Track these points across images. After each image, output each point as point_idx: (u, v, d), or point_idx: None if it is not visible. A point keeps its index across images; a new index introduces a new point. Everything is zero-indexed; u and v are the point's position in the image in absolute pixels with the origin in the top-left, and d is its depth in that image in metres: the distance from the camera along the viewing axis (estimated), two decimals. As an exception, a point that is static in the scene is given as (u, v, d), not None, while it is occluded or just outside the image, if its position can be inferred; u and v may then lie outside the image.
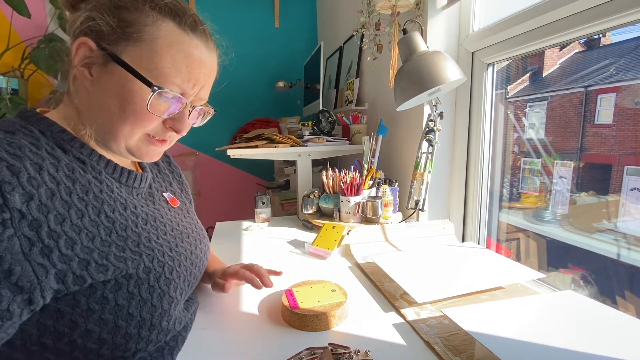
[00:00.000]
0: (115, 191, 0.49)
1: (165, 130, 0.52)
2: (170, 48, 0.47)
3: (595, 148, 1.02)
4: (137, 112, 0.47)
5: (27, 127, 0.45)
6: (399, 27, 1.05)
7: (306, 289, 0.71)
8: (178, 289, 0.52)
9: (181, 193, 0.70)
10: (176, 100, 0.49)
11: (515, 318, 0.56)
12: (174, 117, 0.51)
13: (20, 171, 0.38)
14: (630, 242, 0.88)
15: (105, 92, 0.47)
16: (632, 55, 0.93)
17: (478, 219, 1.09)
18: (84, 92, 0.48)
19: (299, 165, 1.43)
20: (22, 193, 0.37)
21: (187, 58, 0.48)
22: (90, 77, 0.47)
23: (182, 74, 0.48)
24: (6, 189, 0.36)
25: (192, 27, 0.49)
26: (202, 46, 0.50)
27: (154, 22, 0.46)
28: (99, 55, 0.46)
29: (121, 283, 0.45)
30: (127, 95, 0.46)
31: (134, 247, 0.47)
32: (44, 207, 0.38)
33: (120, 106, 0.47)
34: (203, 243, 0.65)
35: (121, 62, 0.46)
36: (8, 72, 1.98)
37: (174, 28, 0.48)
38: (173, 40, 0.47)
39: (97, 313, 0.43)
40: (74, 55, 0.46)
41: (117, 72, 0.46)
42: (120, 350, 0.46)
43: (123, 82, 0.46)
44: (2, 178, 0.36)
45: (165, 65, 0.47)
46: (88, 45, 0.46)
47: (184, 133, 0.54)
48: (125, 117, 0.47)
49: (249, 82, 2.72)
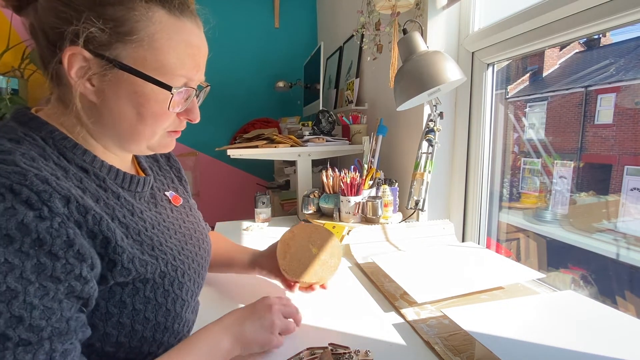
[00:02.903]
0: (122, 197, 0.49)
1: (181, 121, 0.52)
2: (171, 41, 0.45)
3: (595, 148, 1.02)
4: (156, 115, 0.46)
5: (29, 134, 0.44)
6: (399, 27, 1.05)
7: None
8: (189, 292, 0.52)
9: (183, 189, 0.70)
10: (188, 91, 0.49)
11: (515, 318, 0.56)
12: (187, 107, 0.51)
13: (48, 178, 0.37)
14: (630, 242, 0.88)
15: (115, 101, 0.45)
16: (632, 55, 0.93)
17: (478, 219, 1.09)
18: (88, 104, 0.45)
19: (299, 165, 1.43)
20: (60, 198, 0.37)
21: (188, 47, 0.46)
22: (92, 88, 0.44)
23: (187, 64, 0.47)
24: (45, 197, 0.36)
25: (181, 10, 0.46)
26: (195, 29, 0.48)
27: (145, 14, 0.43)
28: (97, 64, 0.42)
29: (138, 287, 0.45)
30: (143, 101, 0.45)
31: (150, 250, 0.48)
32: (83, 208, 0.39)
33: (137, 112, 0.45)
34: (206, 242, 0.64)
35: (128, 68, 0.43)
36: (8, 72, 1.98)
37: (165, 16, 0.45)
38: (170, 31, 0.45)
39: (115, 317, 0.43)
40: (67, 68, 0.42)
41: (124, 77, 0.43)
42: (134, 353, 0.46)
43: (134, 87, 0.44)
44: (37, 188, 0.36)
45: (170, 60, 0.45)
46: (81, 55, 0.42)
47: (198, 120, 0.53)
48: (144, 122, 0.46)
49: (249, 82, 2.72)
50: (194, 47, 0.47)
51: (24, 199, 0.35)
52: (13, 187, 0.35)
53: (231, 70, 2.65)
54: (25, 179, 0.35)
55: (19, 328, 0.33)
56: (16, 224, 0.34)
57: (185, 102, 0.49)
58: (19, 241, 0.34)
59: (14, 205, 0.34)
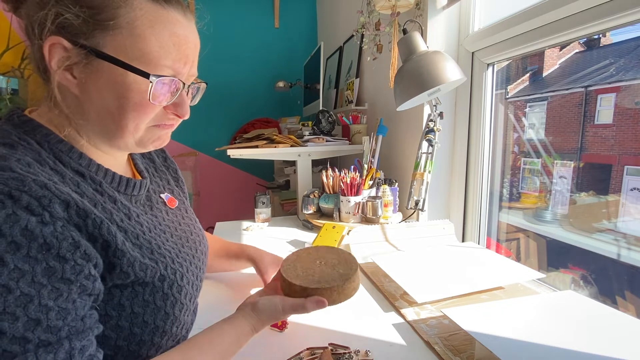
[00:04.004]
0: (118, 201, 0.48)
1: (168, 115, 0.50)
2: (153, 28, 0.43)
3: (595, 148, 1.02)
4: (137, 106, 0.44)
5: (23, 137, 0.43)
6: (399, 27, 1.05)
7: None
8: (188, 295, 0.52)
9: (179, 191, 0.70)
10: (173, 83, 0.47)
11: (515, 318, 0.56)
12: (175, 101, 0.49)
13: (47, 183, 0.37)
14: (630, 242, 0.88)
15: (97, 92, 0.43)
16: (632, 55, 0.93)
17: (478, 219, 1.09)
18: (72, 97, 0.44)
19: (299, 165, 1.43)
20: (59, 202, 0.37)
21: (172, 36, 0.44)
22: (74, 80, 0.43)
23: (171, 54, 0.44)
24: (45, 203, 0.36)
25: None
26: (182, 19, 0.46)
27: (125, 1, 0.41)
28: (76, 53, 0.41)
29: (137, 291, 0.45)
30: (123, 91, 0.43)
31: (149, 254, 0.47)
32: (83, 212, 0.39)
33: (119, 104, 0.44)
34: (203, 244, 0.64)
35: (106, 56, 0.41)
36: (8, 72, 1.98)
37: (148, 4, 0.43)
38: (152, 18, 0.43)
39: (114, 319, 0.43)
40: (48, 59, 0.41)
41: (104, 67, 0.42)
42: (133, 356, 0.46)
43: (114, 77, 0.43)
44: (36, 194, 0.35)
45: (152, 48, 0.43)
46: (61, 45, 0.41)
47: (187, 116, 0.51)
48: (126, 114, 0.44)
49: (249, 82, 2.72)
50: (180, 36, 0.45)
51: (24, 205, 0.34)
52: (12, 194, 0.34)
53: (231, 70, 2.64)
54: (24, 185, 0.35)
55: (38, 330, 0.33)
56: (20, 230, 0.34)
57: (172, 95, 0.47)
58: (26, 247, 0.34)
59: (15, 212, 0.34)
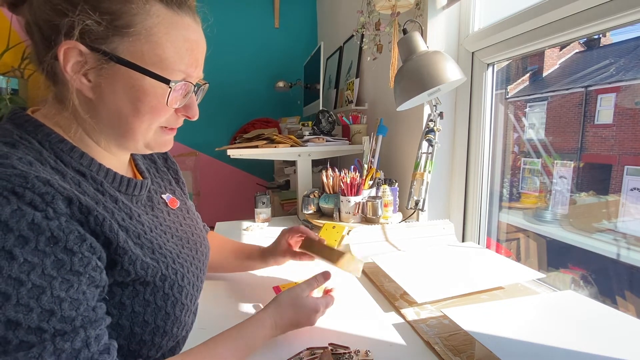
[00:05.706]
0: (119, 201, 0.49)
1: (178, 118, 0.51)
2: (169, 35, 0.44)
3: (595, 148, 1.02)
4: (153, 109, 0.46)
5: (24, 137, 0.43)
6: (399, 27, 1.05)
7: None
8: (189, 296, 0.52)
9: (180, 191, 0.70)
10: (186, 87, 0.48)
11: (515, 318, 0.56)
12: (185, 104, 0.50)
13: (50, 179, 0.37)
14: (630, 242, 0.88)
15: (111, 96, 0.44)
16: (632, 55, 0.93)
17: (478, 219, 1.09)
18: (84, 100, 0.45)
19: (299, 165, 1.43)
20: (62, 199, 0.37)
21: (186, 42, 0.46)
22: (89, 83, 0.44)
23: (185, 59, 0.46)
24: (48, 199, 0.36)
25: (179, 5, 0.46)
26: (193, 24, 0.48)
27: (143, 7, 0.42)
28: (93, 58, 0.42)
29: (138, 290, 0.45)
30: (140, 95, 0.44)
31: (151, 254, 0.48)
32: (85, 209, 0.39)
33: (134, 107, 0.45)
34: (204, 245, 0.64)
35: (126, 62, 0.43)
36: (8, 72, 1.98)
37: (163, 10, 0.44)
38: (168, 25, 0.44)
39: (114, 318, 0.43)
40: (62, 63, 0.41)
41: (121, 72, 0.43)
42: (133, 356, 0.46)
43: (132, 82, 0.44)
44: (39, 190, 0.36)
45: (168, 55, 0.44)
46: (77, 49, 0.41)
47: (197, 117, 0.53)
48: (141, 117, 0.46)
49: (249, 82, 2.72)
50: (192, 42, 0.47)
51: (27, 201, 0.35)
52: (15, 190, 0.35)
53: (231, 70, 2.64)
54: (27, 182, 0.35)
55: (52, 320, 0.34)
56: (27, 224, 0.34)
57: (184, 98, 0.49)
58: (34, 240, 0.34)
59: (20, 207, 0.34)
